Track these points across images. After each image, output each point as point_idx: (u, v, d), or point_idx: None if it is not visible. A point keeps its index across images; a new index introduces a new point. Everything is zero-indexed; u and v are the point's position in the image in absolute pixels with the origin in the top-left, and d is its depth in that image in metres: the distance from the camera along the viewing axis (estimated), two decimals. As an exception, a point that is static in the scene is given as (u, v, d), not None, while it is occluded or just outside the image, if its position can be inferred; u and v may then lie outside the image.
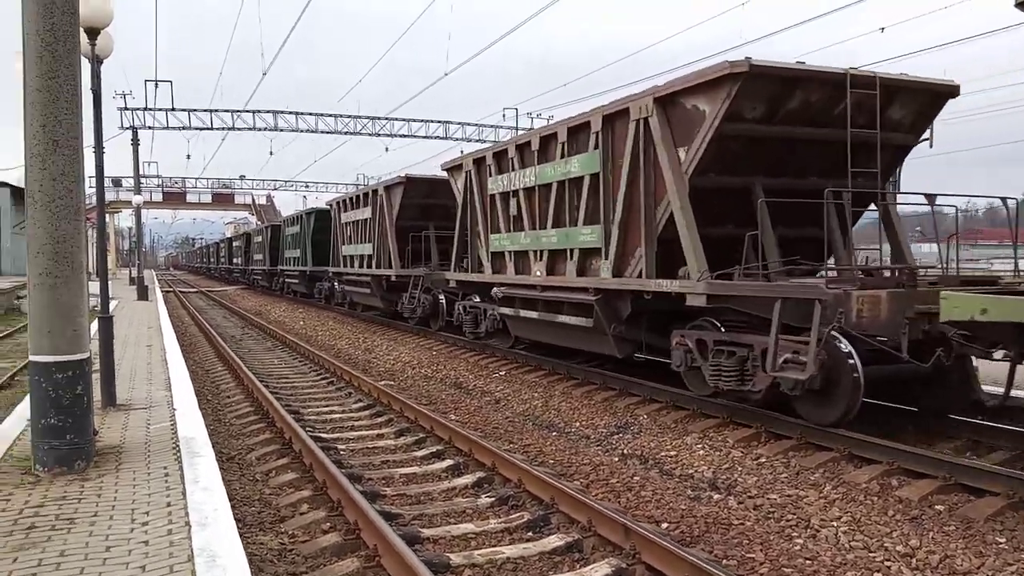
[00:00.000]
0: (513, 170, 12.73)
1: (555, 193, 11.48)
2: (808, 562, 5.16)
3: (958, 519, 5.82)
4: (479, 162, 14.23)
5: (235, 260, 56.05)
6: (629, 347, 10.74)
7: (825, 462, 7.24)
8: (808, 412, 7.96)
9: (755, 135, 8.67)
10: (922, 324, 7.15)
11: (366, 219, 21.37)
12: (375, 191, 20.60)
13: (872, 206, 9.70)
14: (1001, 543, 5.37)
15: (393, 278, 19.51)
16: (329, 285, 27.88)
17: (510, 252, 13.09)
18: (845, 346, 7.56)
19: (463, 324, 15.57)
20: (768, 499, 6.40)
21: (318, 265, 28.62)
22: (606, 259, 10.32)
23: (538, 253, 12.13)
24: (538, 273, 12.07)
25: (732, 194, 9.05)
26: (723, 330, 8.79)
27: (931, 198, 8.71)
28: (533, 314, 12.31)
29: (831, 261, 8.99)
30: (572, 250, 11.19)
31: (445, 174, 16.54)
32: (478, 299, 15.05)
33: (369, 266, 21.31)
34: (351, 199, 23.40)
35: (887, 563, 5.14)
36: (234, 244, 58.18)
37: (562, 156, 11.20)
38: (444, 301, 17.45)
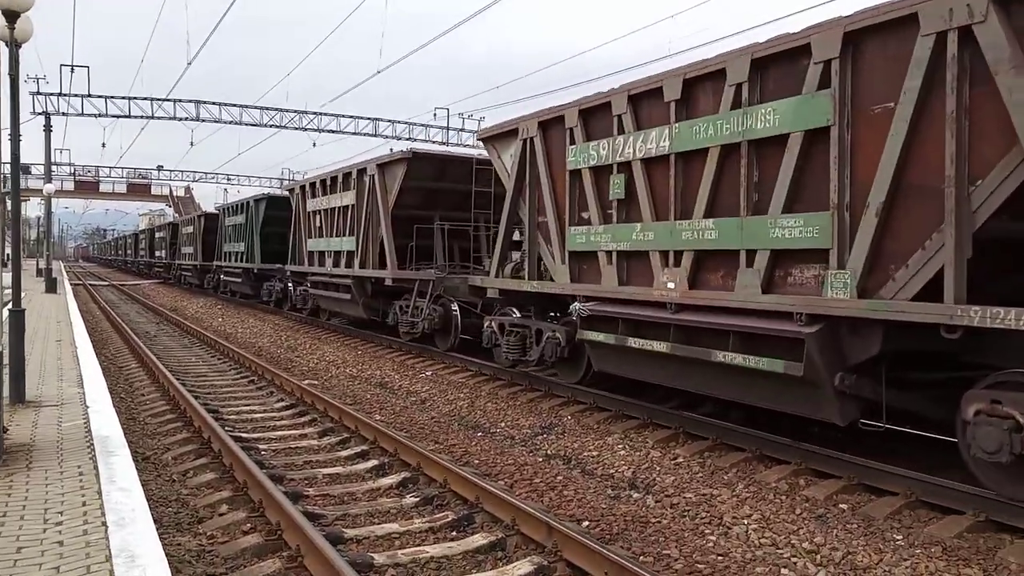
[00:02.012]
0: (621, 132, 8.89)
1: (714, 164, 7.69)
2: (720, 558, 5.38)
3: (860, 517, 6.16)
4: (550, 124, 10.28)
5: (157, 253, 51.17)
6: (856, 407, 6.83)
7: (738, 462, 7.53)
8: None
9: None
10: None
11: (347, 206, 17.33)
12: (363, 171, 16.51)
13: None
14: (898, 540, 5.71)
15: (389, 282, 15.47)
16: (282, 287, 24.01)
17: (608, 253, 9.20)
18: None
19: (499, 347, 11.73)
20: (684, 498, 6.63)
21: (269, 262, 24.81)
22: (838, 268, 6.51)
23: (669, 255, 8.32)
24: (670, 285, 8.26)
25: None
26: None
27: None
28: (659, 346, 8.31)
29: None
30: (753, 252, 7.32)
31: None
32: (518, 314, 11.62)
33: (349, 265, 17.21)
34: (323, 182, 19.09)
35: (793, 559, 5.40)
36: (157, 235, 52.33)
37: (735, 106, 7.38)
38: (459, 314, 14.15)
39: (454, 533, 5.74)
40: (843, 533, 5.83)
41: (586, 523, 6.00)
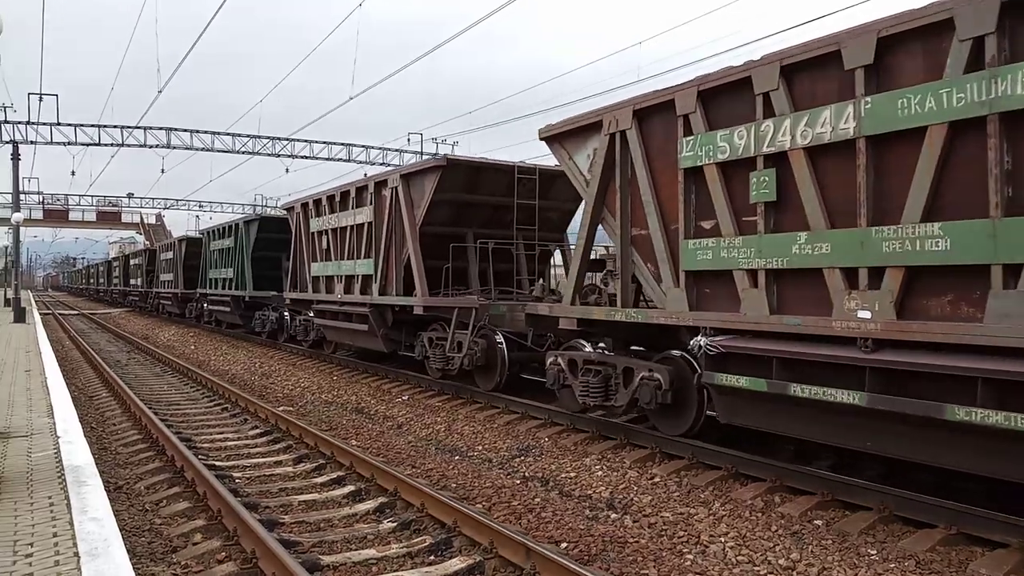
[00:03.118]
0: (769, 115, 6.83)
1: (938, 148, 5.70)
2: (698, 576, 5.41)
3: (835, 533, 6.22)
4: (650, 113, 8.27)
5: (133, 281, 47.89)
6: None
7: (714, 480, 7.58)
8: None
9: None
10: None
11: (362, 224, 15.16)
12: (382, 183, 14.38)
13: None
14: (872, 555, 5.78)
15: (419, 310, 13.04)
16: (277, 316, 21.95)
17: (751, 272, 7.10)
18: None
19: (566, 388, 9.82)
20: (661, 517, 6.66)
21: (261, 288, 22.87)
22: None
23: (859, 274, 6.24)
24: (862, 314, 6.15)
25: None
26: None
27: None
28: (844, 397, 6.23)
29: None
30: (1017, 268, 5.34)
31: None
32: (588, 348, 9.79)
33: (366, 292, 15.00)
34: (331, 198, 16.75)
35: None
36: (132, 263, 49.36)
37: (972, 68, 5.48)
38: (505, 347, 12.12)
39: (432, 558, 5.71)
40: (818, 549, 5.88)
41: (564, 544, 6.00)
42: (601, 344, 9.71)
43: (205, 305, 29.34)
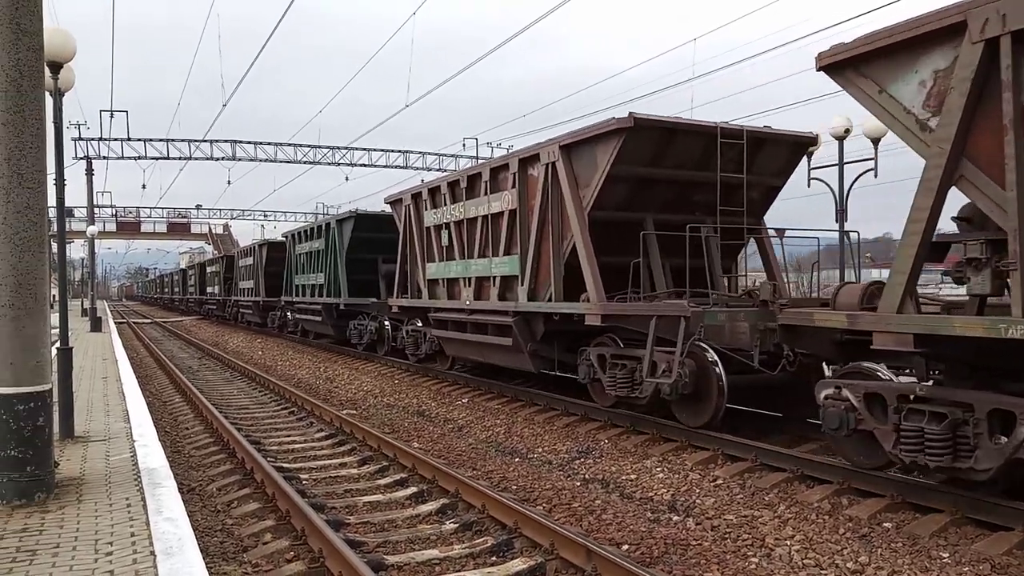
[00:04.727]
0: None
1: None
2: (763, 579, 5.33)
3: (905, 536, 6.06)
4: None
5: (210, 289, 46.81)
6: None
7: (779, 483, 7.46)
8: None
9: None
10: None
11: (499, 213, 12.43)
12: (530, 160, 11.58)
13: None
14: (944, 558, 5.61)
15: (596, 320, 10.20)
16: (377, 326, 19.94)
17: None
18: None
19: (862, 437, 7.00)
20: (725, 519, 6.58)
21: (357, 295, 20.59)
22: None
23: None
24: None
25: None
26: None
27: None
28: None
29: None
30: None
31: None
32: (887, 375, 7.15)
33: (506, 296, 12.42)
34: (452, 184, 14.09)
35: (838, 579, 5.34)
36: (208, 270, 47.91)
37: None
38: (724, 375, 8.98)
39: (494, 559, 5.76)
40: (888, 552, 5.74)
41: (626, 547, 5.98)
42: (907, 370, 7.12)
43: (291, 314, 27.52)
